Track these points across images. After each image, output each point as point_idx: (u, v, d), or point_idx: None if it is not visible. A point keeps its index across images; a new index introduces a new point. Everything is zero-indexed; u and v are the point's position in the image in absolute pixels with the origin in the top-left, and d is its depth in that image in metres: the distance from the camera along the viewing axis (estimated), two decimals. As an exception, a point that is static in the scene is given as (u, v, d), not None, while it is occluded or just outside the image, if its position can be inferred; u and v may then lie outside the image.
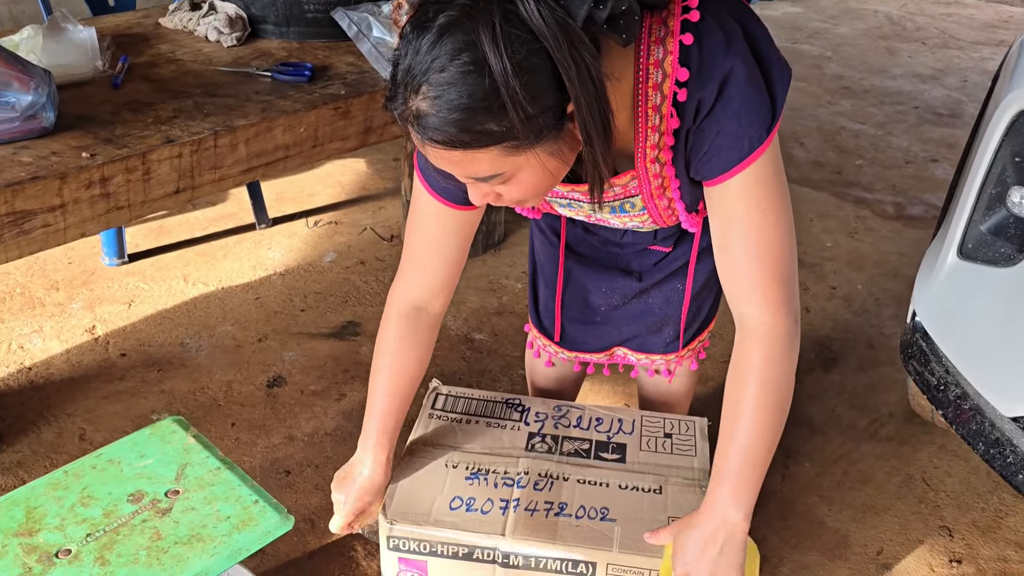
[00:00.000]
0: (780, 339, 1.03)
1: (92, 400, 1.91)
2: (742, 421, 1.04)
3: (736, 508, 1.06)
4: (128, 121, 1.50)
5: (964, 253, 1.45)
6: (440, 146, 0.84)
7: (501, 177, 0.89)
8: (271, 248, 2.55)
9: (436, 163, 0.89)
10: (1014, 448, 1.31)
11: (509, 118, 0.81)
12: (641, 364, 1.47)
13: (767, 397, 1.03)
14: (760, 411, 1.04)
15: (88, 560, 1.12)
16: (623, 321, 1.41)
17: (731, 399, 1.07)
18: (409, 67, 0.82)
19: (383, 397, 1.22)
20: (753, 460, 1.05)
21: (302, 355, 2.10)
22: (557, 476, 1.27)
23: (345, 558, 1.57)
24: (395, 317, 1.21)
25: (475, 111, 0.81)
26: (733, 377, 1.07)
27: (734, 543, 1.06)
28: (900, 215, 3.01)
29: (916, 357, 1.53)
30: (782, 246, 1.01)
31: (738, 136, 0.95)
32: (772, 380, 1.03)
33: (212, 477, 1.26)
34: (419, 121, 0.83)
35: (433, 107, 0.82)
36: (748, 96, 0.93)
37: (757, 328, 1.03)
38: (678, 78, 0.93)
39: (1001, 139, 1.36)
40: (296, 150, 1.65)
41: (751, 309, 1.03)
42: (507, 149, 0.85)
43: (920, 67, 4.75)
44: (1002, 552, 1.67)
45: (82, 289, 2.30)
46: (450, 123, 0.82)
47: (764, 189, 0.99)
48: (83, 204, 1.38)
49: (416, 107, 0.83)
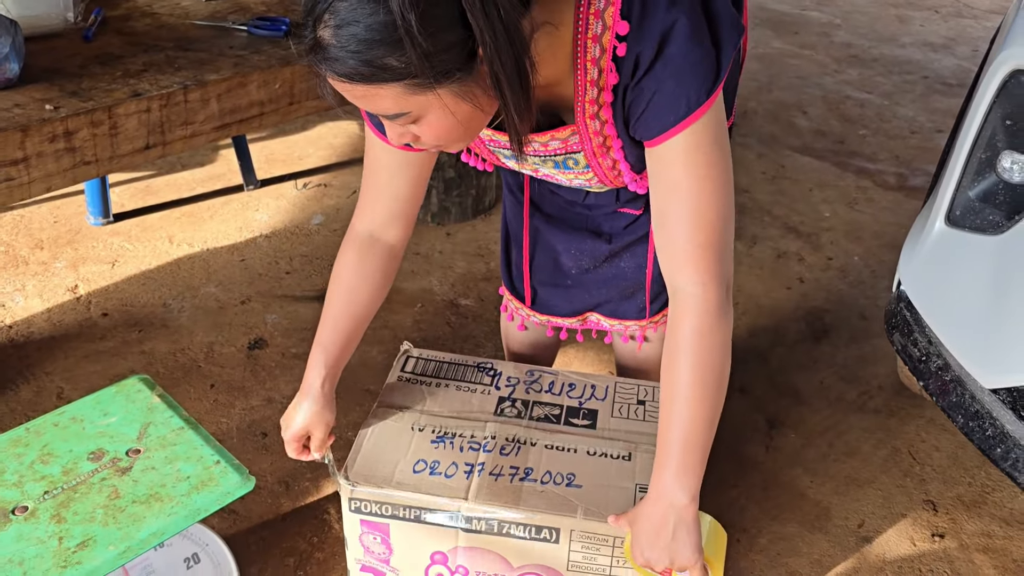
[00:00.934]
0: (711, 311, 0.99)
1: (72, 359, 1.90)
2: (678, 401, 1.01)
3: (682, 491, 1.03)
4: (96, 74, 1.46)
5: (952, 220, 1.41)
6: (342, 79, 0.81)
7: (408, 116, 0.85)
8: (258, 210, 2.52)
9: (346, 97, 0.86)
10: (993, 421, 1.27)
11: (407, 56, 0.77)
12: (615, 330, 1.44)
13: (702, 372, 1.00)
14: (696, 388, 1.00)
15: (44, 518, 1.11)
16: (594, 285, 1.38)
17: (666, 377, 1.03)
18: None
19: (331, 324, 1.21)
20: (694, 440, 1.02)
21: (285, 318, 2.08)
22: (525, 441, 1.25)
23: (318, 520, 1.56)
24: (349, 244, 1.20)
25: (373, 44, 0.77)
26: (667, 354, 1.03)
27: (685, 526, 1.03)
28: (902, 186, 2.96)
29: (900, 327, 1.50)
30: (718, 215, 0.96)
31: (676, 96, 0.90)
32: (705, 354, 0.99)
33: (175, 436, 1.24)
34: (320, 52, 0.80)
35: (334, 38, 0.78)
36: (689, 54, 0.88)
37: (688, 300, 0.99)
38: (618, 31, 0.89)
39: (992, 101, 1.31)
40: (272, 107, 1.61)
41: (682, 280, 0.99)
42: (409, 87, 0.81)
43: (931, 36, 4.64)
44: (986, 527, 1.64)
45: (66, 248, 2.28)
46: (350, 55, 0.78)
47: (703, 155, 0.94)
48: (47, 158, 1.35)
49: (319, 36, 0.80)
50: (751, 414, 1.89)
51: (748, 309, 2.23)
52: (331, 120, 3.08)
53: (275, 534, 1.53)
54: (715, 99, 0.92)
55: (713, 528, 1.11)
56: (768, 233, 2.57)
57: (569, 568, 1.17)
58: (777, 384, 1.98)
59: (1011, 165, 1.30)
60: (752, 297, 2.28)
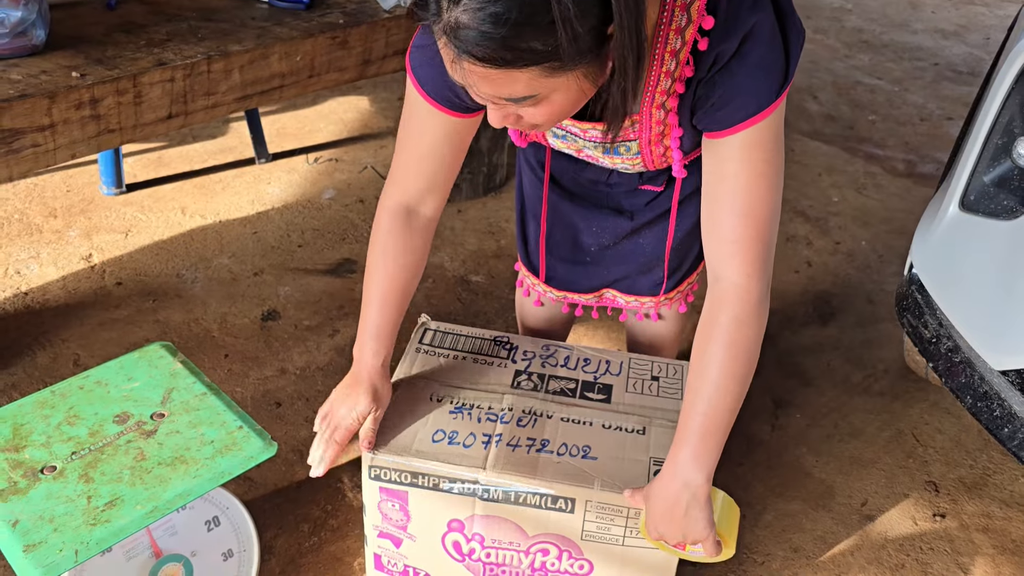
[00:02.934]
0: (752, 302, 1.02)
1: (87, 327, 1.92)
2: (707, 383, 1.03)
3: (698, 471, 1.05)
4: (120, 43, 1.47)
5: (966, 205, 1.42)
6: (479, 62, 0.78)
7: (534, 99, 0.83)
8: (270, 183, 2.53)
9: (466, 79, 0.82)
10: (1001, 402, 1.30)
11: (556, 36, 0.75)
12: (630, 307, 1.46)
13: (733, 361, 1.03)
14: (726, 374, 1.03)
15: (72, 477, 1.13)
16: (613, 261, 1.39)
17: (697, 360, 1.05)
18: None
19: (379, 301, 1.18)
20: (716, 424, 1.04)
21: (297, 290, 2.10)
22: (541, 413, 1.27)
23: (332, 489, 1.59)
24: (387, 219, 1.16)
25: (522, 27, 0.74)
26: (701, 337, 1.05)
27: (698, 504, 1.06)
28: (911, 172, 2.97)
29: (911, 310, 1.52)
30: (769, 212, 0.99)
31: (749, 94, 0.93)
32: (740, 343, 1.02)
33: (197, 402, 1.27)
34: (457, 33, 0.77)
35: (475, 19, 0.75)
36: (766, 55, 0.91)
37: (731, 289, 1.02)
38: (703, 26, 0.90)
39: (1010, 88, 1.32)
40: (292, 79, 1.62)
41: (727, 270, 1.02)
42: (547, 69, 0.79)
43: (943, 23, 4.63)
44: (986, 508, 1.67)
45: (80, 217, 2.29)
46: (493, 38, 0.75)
47: (763, 152, 0.97)
48: (73, 125, 1.36)
49: (455, 18, 0.76)
50: (758, 394, 1.91)
51: (756, 291, 2.25)
52: (342, 95, 3.08)
53: (290, 501, 1.56)
54: (782, 100, 0.95)
55: (726, 504, 1.13)
56: (777, 216, 2.59)
57: (583, 538, 1.20)
58: (784, 365, 2.01)
59: (1027, 151, 1.31)
60: (760, 279, 2.30)
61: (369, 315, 1.19)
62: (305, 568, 1.44)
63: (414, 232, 1.17)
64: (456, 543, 1.24)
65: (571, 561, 1.22)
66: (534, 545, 1.21)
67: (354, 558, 1.46)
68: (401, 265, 1.17)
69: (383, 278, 1.17)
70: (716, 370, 1.03)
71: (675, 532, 1.08)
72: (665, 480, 1.08)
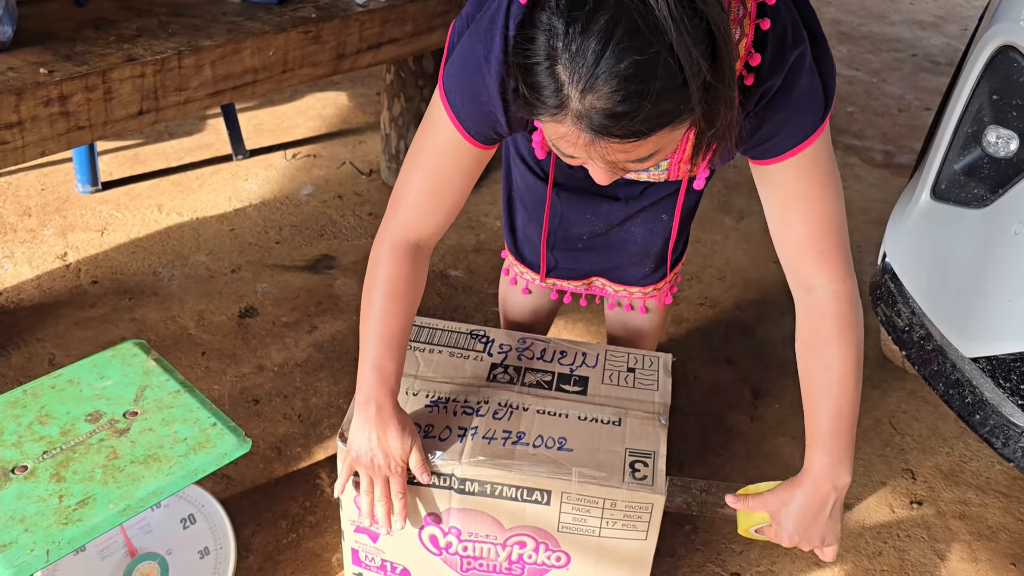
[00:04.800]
0: (853, 302, 1.05)
1: (62, 326, 1.91)
2: (832, 385, 1.06)
3: (846, 472, 1.08)
4: (89, 39, 1.46)
5: (937, 194, 1.43)
6: (622, 140, 0.78)
7: (655, 156, 0.83)
8: (247, 180, 2.52)
9: (602, 156, 0.80)
10: (973, 389, 1.31)
11: (689, 95, 0.76)
12: (618, 296, 1.46)
13: (855, 359, 1.05)
14: (850, 376, 1.06)
15: (44, 476, 1.12)
16: (604, 249, 1.39)
17: (814, 364, 1.07)
18: (577, 63, 0.74)
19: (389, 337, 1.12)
20: (849, 422, 1.07)
21: (275, 287, 2.09)
22: (517, 406, 1.27)
23: (310, 485, 1.59)
24: (391, 257, 1.10)
25: (661, 94, 0.74)
26: (810, 344, 1.08)
27: (839, 504, 1.10)
28: (889, 163, 2.99)
29: (884, 299, 1.53)
30: (839, 214, 1.04)
31: (795, 124, 0.95)
32: (851, 340, 1.05)
33: (171, 399, 1.26)
34: (595, 119, 0.76)
35: (614, 102, 0.74)
36: (808, 85, 0.94)
37: (829, 296, 1.05)
38: (750, 62, 0.91)
39: (979, 76, 1.33)
40: (265, 74, 1.61)
41: (821, 279, 1.05)
42: (676, 125, 0.79)
43: (921, 14, 4.66)
44: (963, 495, 1.69)
45: (54, 216, 2.27)
46: (637, 115, 0.75)
47: (819, 166, 1.00)
48: (42, 122, 1.35)
49: (591, 105, 0.75)
50: (737, 385, 1.92)
51: (735, 283, 2.26)
52: (320, 91, 3.07)
53: (268, 498, 1.55)
54: (827, 121, 0.98)
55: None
56: (755, 208, 2.60)
57: (560, 529, 1.20)
58: (763, 356, 2.02)
59: (996, 140, 1.32)
60: (739, 271, 2.31)
61: (379, 358, 1.12)
62: (283, 564, 1.44)
63: (419, 266, 1.13)
64: (433, 537, 1.24)
65: (548, 553, 1.22)
66: (511, 538, 1.22)
67: (332, 553, 1.46)
68: (409, 304, 1.13)
69: (391, 320, 1.11)
70: (838, 370, 1.05)
71: (816, 535, 1.10)
72: (812, 485, 1.09)
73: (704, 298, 2.20)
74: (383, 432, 1.11)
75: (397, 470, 1.13)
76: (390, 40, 1.82)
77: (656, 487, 1.15)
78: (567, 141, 0.82)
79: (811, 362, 1.08)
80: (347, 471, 1.16)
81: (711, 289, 2.24)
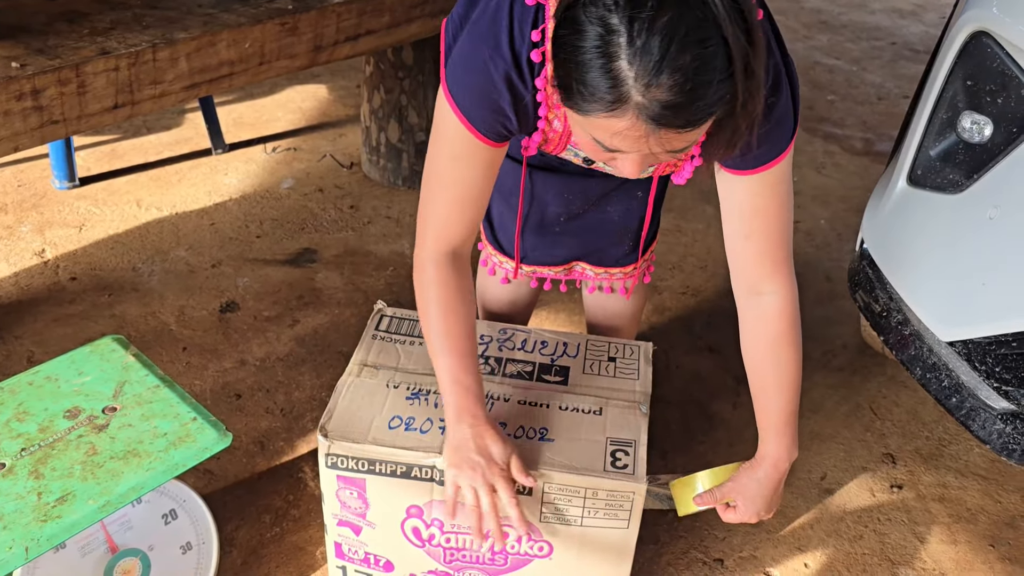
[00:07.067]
0: (796, 303, 1.15)
1: (41, 323, 1.89)
2: (786, 382, 1.17)
3: (796, 447, 1.21)
4: (62, 32, 1.44)
5: (913, 180, 1.44)
6: (681, 130, 0.81)
7: (691, 146, 0.87)
8: (227, 174, 2.50)
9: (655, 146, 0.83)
10: (949, 372, 1.32)
11: (734, 86, 0.80)
12: (599, 279, 1.47)
13: (797, 355, 1.17)
14: (798, 371, 1.18)
15: (22, 474, 1.12)
16: (582, 232, 1.39)
17: (772, 362, 1.17)
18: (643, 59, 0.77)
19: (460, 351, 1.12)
20: (796, 408, 1.20)
21: (256, 281, 2.08)
22: (498, 397, 1.27)
23: (294, 479, 1.58)
24: (435, 272, 1.11)
25: (718, 86, 0.79)
26: (767, 344, 1.16)
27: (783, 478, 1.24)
28: (868, 151, 3.00)
29: (862, 285, 1.54)
30: (791, 227, 1.12)
31: (774, 140, 1.01)
32: (799, 341, 1.17)
33: (150, 395, 1.25)
34: (658, 112, 0.79)
35: (678, 95, 0.78)
36: (786, 103, 0.99)
37: (778, 301, 1.13)
38: None
39: (954, 62, 1.34)
40: (242, 67, 1.60)
41: (771, 285, 1.13)
42: (719, 114, 0.84)
43: (900, 2, 4.68)
44: (942, 479, 1.71)
45: (32, 212, 2.25)
46: (697, 106, 0.79)
47: (785, 184, 1.07)
48: (14, 117, 1.33)
49: (655, 98, 0.78)
50: (719, 373, 1.93)
51: (716, 271, 2.27)
52: (299, 83, 3.05)
53: (251, 493, 1.55)
54: (794, 140, 1.04)
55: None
56: (737, 197, 2.61)
57: (542, 519, 1.20)
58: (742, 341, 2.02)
59: (971, 125, 1.33)
60: (720, 260, 2.32)
61: (457, 372, 1.12)
62: (267, 558, 1.44)
63: (463, 273, 1.14)
64: (416, 529, 1.24)
65: (530, 543, 1.23)
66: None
67: (316, 547, 1.46)
68: (466, 312, 1.14)
69: (455, 334, 1.12)
70: (793, 368, 1.17)
71: (776, 505, 1.25)
72: (769, 467, 1.21)
73: (686, 287, 2.21)
74: (482, 441, 1.10)
75: (503, 475, 1.10)
76: (368, 31, 1.81)
77: (637, 476, 1.16)
78: (621, 135, 0.83)
79: (763, 360, 1.18)
80: (453, 491, 1.12)
81: (693, 278, 2.24)
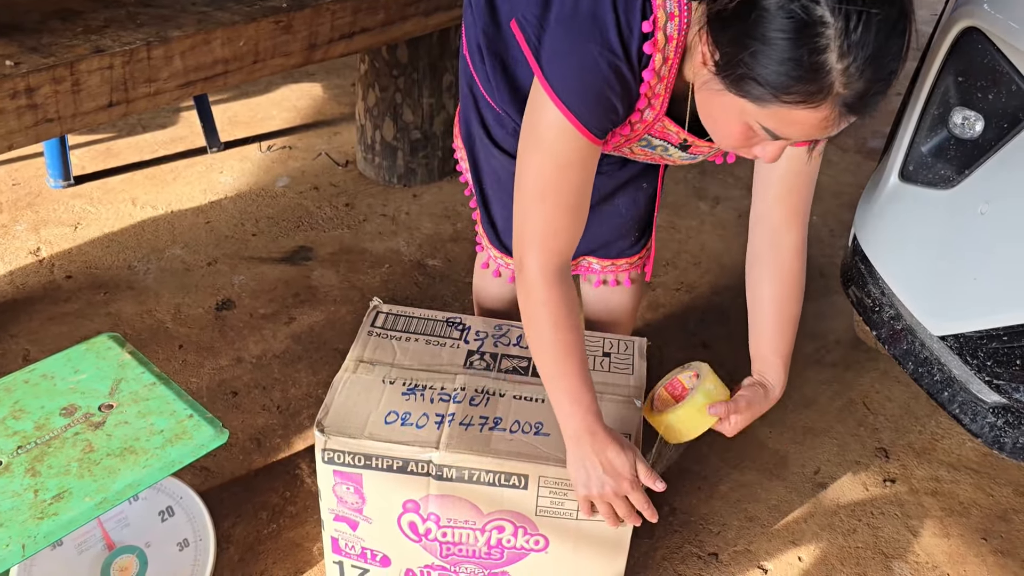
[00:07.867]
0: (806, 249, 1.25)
1: (36, 322, 1.89)
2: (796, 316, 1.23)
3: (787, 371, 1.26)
4: (56, 30, 1.44)
5: (905, 175, 1.45)
6: (862, 116, 0.86)
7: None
8: (223, 172, 2.50)
9: (833, 131, 0.88)
10: (941, 366, 1.33)
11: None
12: (605, 271, 1.47)
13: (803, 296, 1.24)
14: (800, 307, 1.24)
15: (18, 471, 1.12)
16: (592, 226, 1.38)
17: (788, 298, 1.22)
18: (859, 52, 0.81)
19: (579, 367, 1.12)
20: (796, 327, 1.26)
21: (252, 279, 2.08)
22: (494, 392, 1.28)
23: (290, 476, 1.59)
24: (550, 286, 1.10)
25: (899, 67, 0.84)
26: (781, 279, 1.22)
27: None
28: (860, 148, 3.01)
29: (855, 280, 1.55)
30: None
31: None
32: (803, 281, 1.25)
33: (147, 392, 1.25)
34: (860, 100, 0.83)
35: (878, 82, 0.83)
36: None
37: (799, 243, 1.21)
38: None
39: (945, 58, 1.35)
40: (236, 65, 1.60)
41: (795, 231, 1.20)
42: None
43: (892, 0, 4.70)
44: (935, 473, 1.72)
45: (26, 211, 2.25)
46: (887, 95, 0.85)
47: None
48: (9, 115, 1.33)
49: (860, 88, 0.83)
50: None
51: (710, 268, 2.28)
52: (294, 82, 3.05)
53: (248, 490, 1.56)
54: None
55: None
56: (730, 194, 2.62)
57: (537, 513, 1.21)
58: (738, 340, 2.02)
59: (962, 121, 1.34)
60: (715, 256, 2.33)
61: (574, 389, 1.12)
62: (264, 555, 1.44)
63: (570, 284, 1.13)
64: (412, 523, 1.24)
65: (527, 537, 1.24)
66: (489, 523, 1.22)
67: (313, 543, 1.46)
68: (576, 324, 1.13)
69: (569, 350, 1.12)
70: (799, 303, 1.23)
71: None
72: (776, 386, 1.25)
73: (680, 283, 2.22)
74: (604, 456, 1.10)
75: (632, 486, 1.11)
76: (362, 29, 1.81)
77: (632, 469, 1.16)
78: (805, 124, 0.86)
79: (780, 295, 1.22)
80: (587, 508, 1.15)
81: (687, 274, 2.25)
